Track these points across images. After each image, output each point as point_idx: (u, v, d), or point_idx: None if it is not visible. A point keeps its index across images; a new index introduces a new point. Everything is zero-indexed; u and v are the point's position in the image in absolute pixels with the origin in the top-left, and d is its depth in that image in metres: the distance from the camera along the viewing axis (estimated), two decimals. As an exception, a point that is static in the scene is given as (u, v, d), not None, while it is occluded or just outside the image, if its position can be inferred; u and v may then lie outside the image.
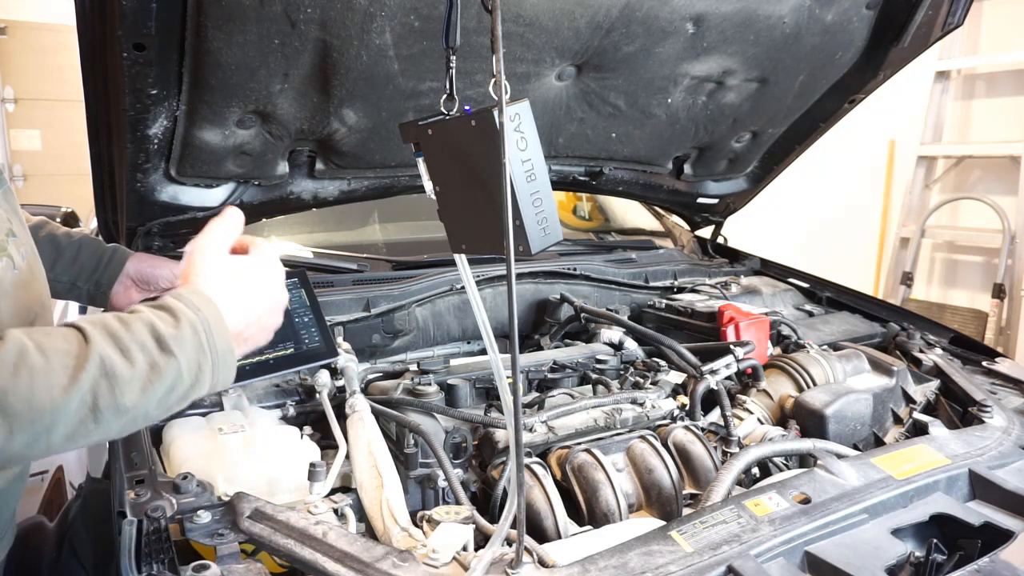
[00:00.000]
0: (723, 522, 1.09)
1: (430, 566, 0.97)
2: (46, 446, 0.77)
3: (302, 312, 1.45)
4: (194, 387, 0.87)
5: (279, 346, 1.37)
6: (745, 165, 2.34)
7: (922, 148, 4.84)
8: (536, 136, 1.03)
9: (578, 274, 2.15)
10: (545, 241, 1.03)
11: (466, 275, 1.09)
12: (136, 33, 1.14)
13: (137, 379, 0.81)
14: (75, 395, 0.76)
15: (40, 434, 0.75)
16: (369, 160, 1.71)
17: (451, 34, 1.01)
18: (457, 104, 1.05)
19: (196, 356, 0.86)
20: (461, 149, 1.03)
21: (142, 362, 0.81)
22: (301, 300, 1.48)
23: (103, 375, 0.78)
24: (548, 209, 1.04)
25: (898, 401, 1.68)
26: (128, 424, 0.82)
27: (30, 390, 0.74)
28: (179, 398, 0.86)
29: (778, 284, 2.37)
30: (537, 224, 1.02)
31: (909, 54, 1.88)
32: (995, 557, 1.07)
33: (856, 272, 5.24)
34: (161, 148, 1.43)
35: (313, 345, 1.40)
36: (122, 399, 0.79)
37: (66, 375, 0.76)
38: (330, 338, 1.43)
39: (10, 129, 5.90)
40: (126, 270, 1.40)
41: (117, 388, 0.79)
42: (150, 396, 0.82)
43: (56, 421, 0.75)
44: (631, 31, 1.56)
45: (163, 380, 0.83)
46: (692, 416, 1.57)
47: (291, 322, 1.42)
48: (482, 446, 1.37)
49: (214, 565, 0.94)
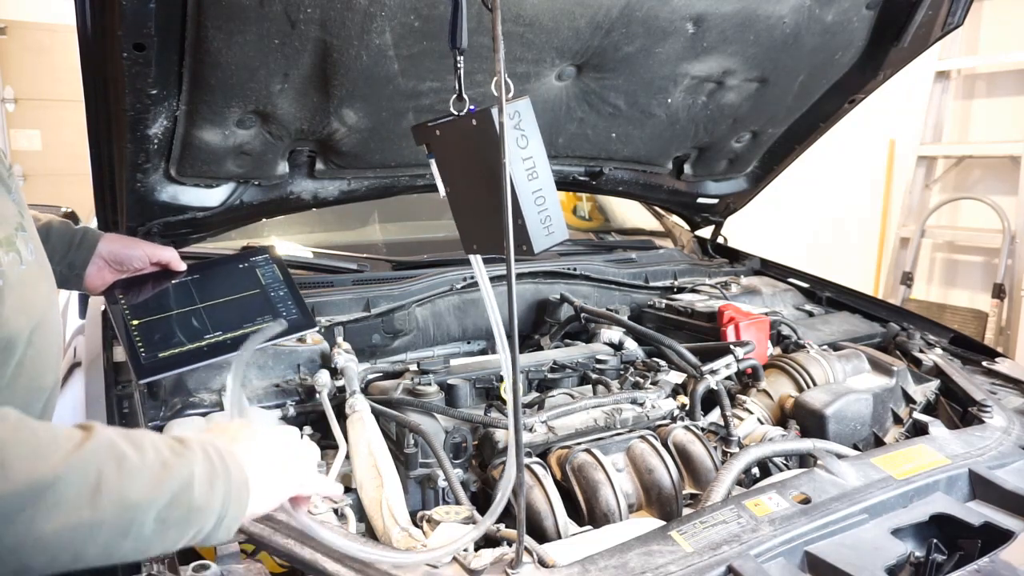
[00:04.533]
0: (723, 522, 1.10)
1: (430, 566, 0.97)
2: (28, 522, 0.63)
3: (276, 287, 1.49)
4: (202, 510, 0.74)
5: (257, 320, 1.41)
6: (745, 165, 2.34)
7: (922, 148, 4.84)
8: (538, 134, 1.03)
9: (578, 274, 2.15)
10: (549, 240, 1.03)
11: (481, 275, 1.08)
12: (136, 33, 1.14)
13: (148, 469, 0.70)
14: (78, 465, 0.66)
15: (29, 502, 0.62)
16: (369, 160, 1.71)
17: (458, 36, 1.01)
18: (467, 105, 1.04)
19: (207, 468, 0.75)
20: (466, 149, 1.03)
21: (152, 456, 0.71)
22: (274, 275, 1.51)
23: (111, 456, 0.68)
24: (552, 208, 1.03)
25: (898, 401, 1.68)
26: (124, 526, 0.68)
27: (33, 450, 0.64)
28: (183, 517, 0.73)
29: (778, 284, 2.37)
30: (540, 223, 1.02)
31: (909, 54, 1.88)
32: (995, 557, 1.07)
33: (856, 272, 5.24)
34: (161, 148, 1.43)
35: (291, 317, 1.42)
36: (129, 487, 0.68)
37: (71, 444, 0.67)
38: (306, 309, 1.46)
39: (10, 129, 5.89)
40: (99, 251, 1.41)
41: (125, 472, 0.68)
42: (158, 496, 0.70)
43: (51, 490, 0.63)
44: (631, 31, 1.56)
45: (173, 478, 0.71)
46: (692, 416, 1.57)
47: (267, 297, 1.47)
48: (482, 446, 1.37)
49: (214, 565, 0.94)
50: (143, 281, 1.47)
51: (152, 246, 1.48)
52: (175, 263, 1.49)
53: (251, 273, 1.52)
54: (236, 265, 1.54)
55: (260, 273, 1.52)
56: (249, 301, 1.46)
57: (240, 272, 1.52)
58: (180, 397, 1.41)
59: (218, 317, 1.41)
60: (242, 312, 1.43)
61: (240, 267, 1.53)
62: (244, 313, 1.43)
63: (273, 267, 1.53)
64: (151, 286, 1.47)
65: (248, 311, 1.43)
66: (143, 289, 1.46)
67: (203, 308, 1.42)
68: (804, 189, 5.06)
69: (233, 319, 1.41)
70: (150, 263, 1.47)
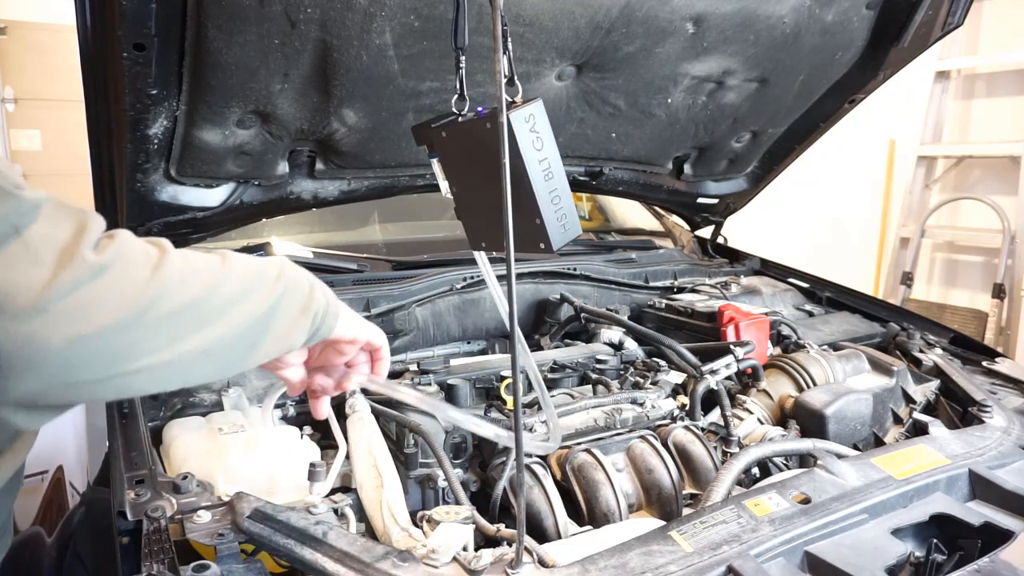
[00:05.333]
0: (723, 522, 1.09)
1: (430, 566, 0.97)
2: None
3: None
4: (289, 293, 0.80)
5: None
6: (745, 165, 2.34)
7: (922, 148, 4.84)
8: (551, 135, 1.05)
9: (578, 274, 2.15)
10: (565, 237, 1.05)
11: (486, 270, 1.10)
12: (136, 33, 1.14)
13: (217, 263, 0.75)
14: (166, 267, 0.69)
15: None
16: (369, 160, 1.71)
17: (459, 35, 1.01)
18: (468, 104, 1.05)
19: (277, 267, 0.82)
20: (477, 150, 1.03)
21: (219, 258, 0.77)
22: None
23: (184, 260, 0.72)
24: (567, 206, 1.05)
25: (898, 401, 1.68)
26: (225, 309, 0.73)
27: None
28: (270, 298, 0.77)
29: (778, 284, 2.37)
30: (557, 221, 1.03)
31: (909, 54, 1.88)
32: (995, 557, 1.07)
33: (856, 272, 5.24)
34: (161, 148, 1.43)
35: None
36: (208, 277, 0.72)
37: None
38: None
39: (10, 129, 5.89)
40: None
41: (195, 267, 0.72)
42: (238, 279, 0.75)
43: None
44: (631, 31, 1.56)
45: (248, 266, 0.77)
46: (692, 416, 1.57)
47: None
48: (482, 446, 1.37)
49: (214, 565, 0.94)
50: None
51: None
52: None
53: None
54: None
55: None
56: None
57: None
58: (180, 397, 1.41)
59: None
60: None
61: None
62: None
63: None
64: None
65: None
66: None
67: None
68: (804, 189, 5.05)
69: None
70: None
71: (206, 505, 1.07)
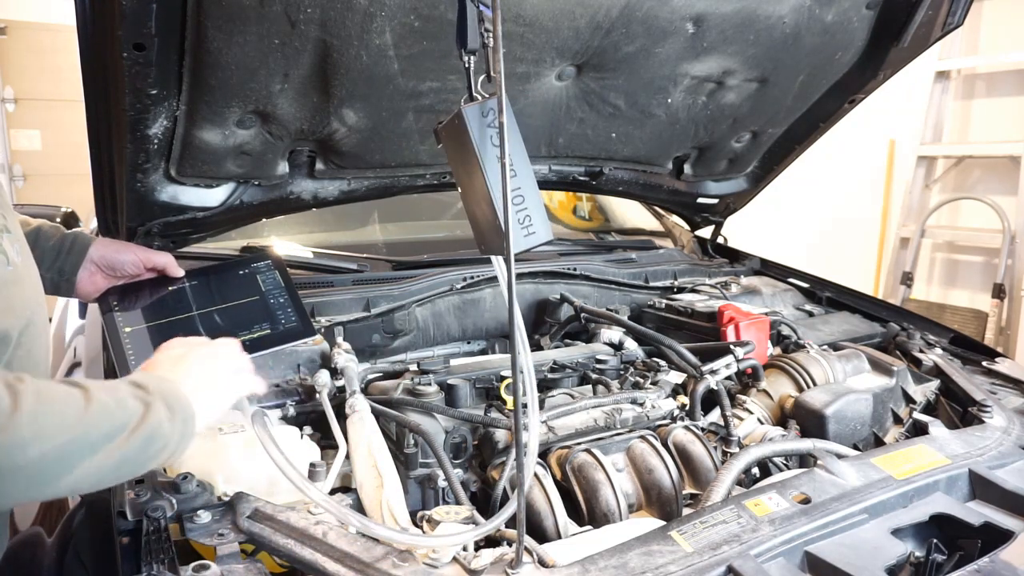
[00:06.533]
0: (723, 522, 1.10)
1: (430, 566, 0.97)
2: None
3: (277, 293, 1.46)
4: (146, 416, 0.86)
5: (254, 327, 1.38)
6: (745, 165, 2.34)
7: (922, 148, 4.84)
8: (516, 131, 1.01)
9: (578, 274, 2.15)
10: (528, 241, 1.00)
11: (501, 274, 1.07)
12: (136, 33, 1.14)
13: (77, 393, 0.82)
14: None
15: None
16: (369, 160, 1.71)
17: (466, 36, 1.00)
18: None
19: (140, 386, 0.89)
20: (456, 148, 1.03)
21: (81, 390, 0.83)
22: (275, 282, 1.49)
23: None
24: (532, 208, 1.00)
25: (898, 401, 1.68)
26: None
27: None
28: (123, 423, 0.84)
29: (778, 284, 2.37)
30: (518, 223, 1.00)
31: (909, 54, 1.88)
32: (995, 557, 1.07)
33: (856, 272, 5.24)
34: (161, 148, 1.43)
35: (290, 325, 1.40)
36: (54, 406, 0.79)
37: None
38: (306, 316, 1.43)
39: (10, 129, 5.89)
40: (90, 256, 1.37)
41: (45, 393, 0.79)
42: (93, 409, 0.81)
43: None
44: (631, 31, 1.56)
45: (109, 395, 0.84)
46: (692, 416, 1.57)
47: (266, 304, 1.44)
48: (482, 446, 1.37)
49: (214, 565, 0.94)
50: (138, 288, 1.44)
51: (146, 251, 1.45)
52: (171, 268, 1.45)
53: (251, 279, 1.50)
54: (236, 271, 1.51)
55: (260, 279, 1.49)
56: (247, 308, 1.43)
57: (240, 278, 1.50)
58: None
59: (214, 324, 1.38)
60: (239, 319, 1.40)
61: (240, 273, 1.51)
62: (241, 320, 1.40)
63: (275, 273, 1.50)
64: (147, 293, 1.43)
65: (245, 318, 1.40)
66: (138, 296, 1.42)
67: (198, 315, 1.39)
68: (804, 189, 5.06)
69: (229, 326, 1.38)
70: (144, 268, 1.44)
71: (206, 505, 1.07)
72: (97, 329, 1.60)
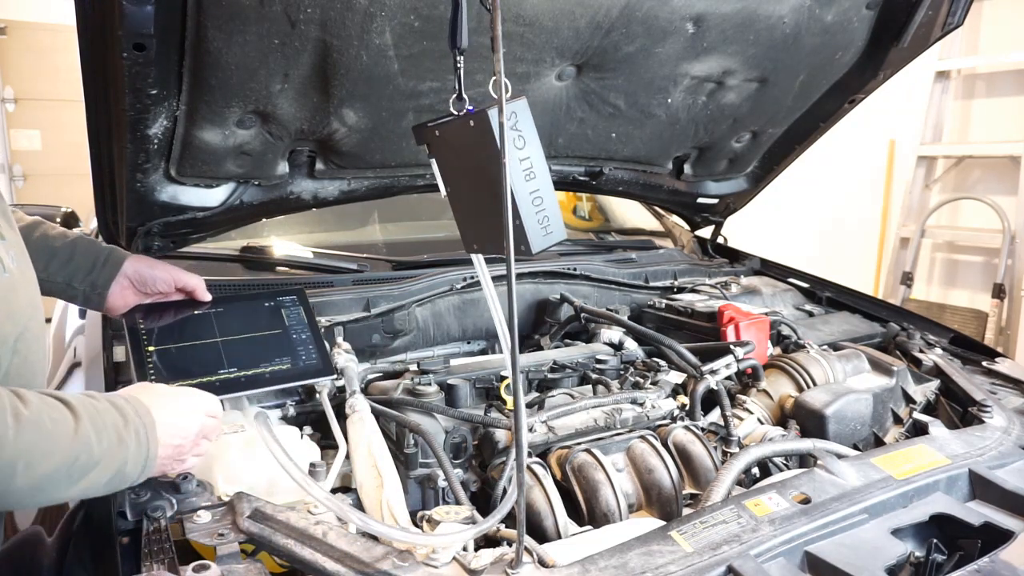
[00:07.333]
0: (723, 522, 1.10)
1: (430, 566, 0.97)
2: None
3: (300, 329, 1.47)
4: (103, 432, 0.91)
5: (275, 360, 1.39)
6: (745, 165, 2.34)
7: (922, 148, 4.84)
8: (535, 134, 1.03)
9: (578, 274, 2.15)
10: (547, 240, 1.03)
11: (483, 274, 1.10)
12: (136, 33, 1.14)
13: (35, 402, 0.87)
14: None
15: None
16: (369, 160, 1.71)
17: (458, 36, 1.01)
18: (466, 104, 1.05)
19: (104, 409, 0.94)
20: (464, 149, 1.03)
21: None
22: (299, 318, 1.50)
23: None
24: (550, 208, 1.03)
25: (898, 401, 1.68)
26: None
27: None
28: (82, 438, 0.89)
29: (778, 284, 2.37)
30: (538, 223, 1.02)
31: (909, 54, 1.88)
32: (995, 557, 1.07)
33: (856, 272, 5.24)
34: (161, 148, 1.43)
35: (310, 362, 1.41)
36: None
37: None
38: (326, 356, 1.44)
39: (10, 129, 5.89)
40: (123, 270, 1.39)
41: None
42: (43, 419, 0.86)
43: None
44: (631, 31, 1.56)
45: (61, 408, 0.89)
46: (692, 416, 1.57)
47: (288, 338, 1.44)
48: (482, 446, 1.37)
49: (214, 565, 0.94)
50: (165, 308, 1.45)
51: (179, 271, 1.46)
52: (200, 292, 1.46)
53: (276, 312, 1.50)
54: (262, 303, 1.51)
55: (285, 313, 1.49)
56: (270, 340, 1.43)
57: (265, 310, 1.50)
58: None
59: (235, 353, 1.38)
60: (261, 351, 1.40)
61: (266, 305, 1.51)
62: (262, 352, 1.40)
63: (300, 309, 1.51)
64: (172, 314, 1.44)
65: (267, 350, 1.40)
66: (164, 316, 1.43)
67: (221, 342, 1.39)
68: (804, 189, 5.06)
69: (250, 357, 1.38)
70: (175, 287, 1.44)
71: (206, 505, 1.07)
72: (97, 329, 1.60)
